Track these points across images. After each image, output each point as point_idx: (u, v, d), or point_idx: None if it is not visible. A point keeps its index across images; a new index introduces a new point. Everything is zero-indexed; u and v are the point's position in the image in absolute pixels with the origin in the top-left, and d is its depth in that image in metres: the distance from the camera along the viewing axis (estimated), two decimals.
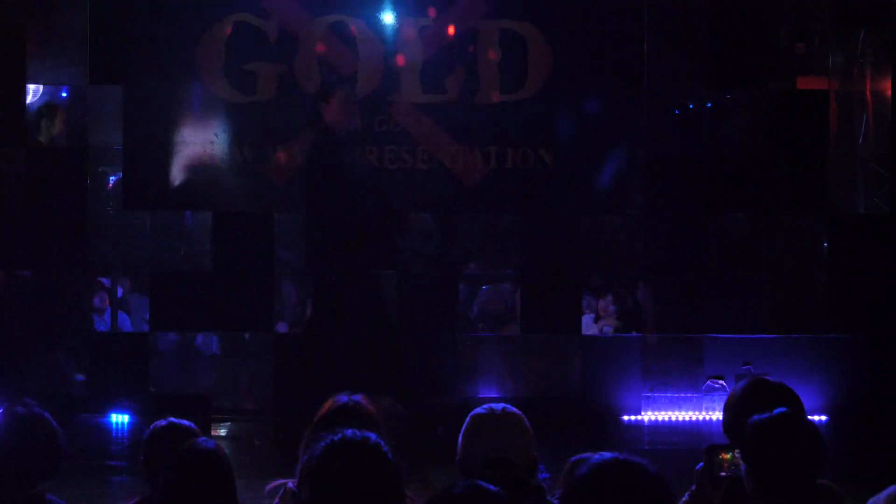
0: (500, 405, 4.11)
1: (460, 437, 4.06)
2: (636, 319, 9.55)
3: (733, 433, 4.27)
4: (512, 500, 3.24)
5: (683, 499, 4.28)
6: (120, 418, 8.75)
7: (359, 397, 4.31)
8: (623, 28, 9.25)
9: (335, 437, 3.26)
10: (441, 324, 9.21)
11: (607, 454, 3.10)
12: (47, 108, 9.32)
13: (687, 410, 9.11)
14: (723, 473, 4.02)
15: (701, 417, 9.08)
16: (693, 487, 4.24)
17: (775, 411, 3.92)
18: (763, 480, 3.84)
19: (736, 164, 9.27)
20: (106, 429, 8.63)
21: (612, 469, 3.07)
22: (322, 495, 3.20)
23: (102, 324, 9.46)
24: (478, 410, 4.09)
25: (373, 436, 3.28)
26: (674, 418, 9.03)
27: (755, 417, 3.91)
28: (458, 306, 9.46)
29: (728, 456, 4.02)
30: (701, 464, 4.13)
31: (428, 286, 9.20)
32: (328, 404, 4.30)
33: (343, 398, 4.29)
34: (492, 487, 3.12)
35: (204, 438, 4.10)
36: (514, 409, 4.09)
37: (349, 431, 3.28)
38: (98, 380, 9.02)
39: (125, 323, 9.70)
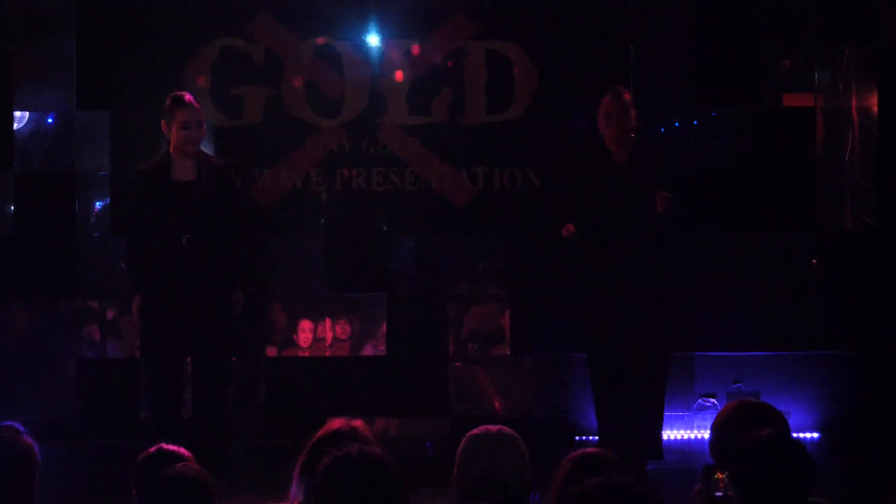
0: (496, 426, 4.11)
1: (456, 458, 4.06)
2: None
3: (719, 454, 4.27)
4: None
5: None
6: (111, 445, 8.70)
7: (357, 422, 4.28)
8: (608, 47, 9.28)
9: (340, 454, 3.29)
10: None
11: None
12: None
13: (678, 429, 9.10)
14: (719, 493, 4.02)
15: (692, 436, 9.08)
16: None
17: (761, 432, 3.91)
18: (753, 502, 3.83)
19: (723, 181, 9.28)
20: (97, 455, 8.58)
21: (601, 489, 3.07)
22: None
23: (93, 350, 9.40)
24: (473, 431, 4.10)
25: (379, 451, 3.30)
26: (665, 437, 9.01)
27: (742, 438, 3.90)
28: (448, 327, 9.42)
29: (724, 476, 4.01)
30: (698, 484, 4.12)
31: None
32: (324, 428, 4.28)
33: (340, 422, 4.27)
34: None
35: (186, 464, 4.04)
36: (509, 431, 4.09)
37: (355, 447, 3.30)
38: (89, 406, 9.01)
39: (114, 349, 9.65)
